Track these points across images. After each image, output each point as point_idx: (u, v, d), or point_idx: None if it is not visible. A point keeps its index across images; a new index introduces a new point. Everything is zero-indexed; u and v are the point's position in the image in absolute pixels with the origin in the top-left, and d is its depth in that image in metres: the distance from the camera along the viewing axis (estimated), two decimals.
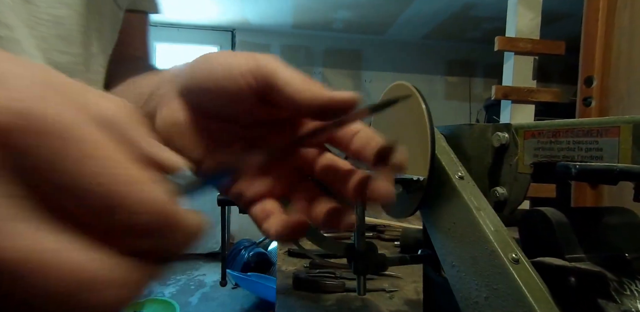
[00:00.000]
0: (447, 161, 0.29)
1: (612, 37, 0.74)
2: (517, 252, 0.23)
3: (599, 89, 0.76)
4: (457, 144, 0.32)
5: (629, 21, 0.71)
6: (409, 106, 0.30)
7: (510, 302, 0.21)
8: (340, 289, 0.51)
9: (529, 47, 1.09)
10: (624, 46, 0.72)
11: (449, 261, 0.27)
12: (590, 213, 0.26)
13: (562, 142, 0.25)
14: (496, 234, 0.23)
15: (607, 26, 0.75)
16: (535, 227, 0.26)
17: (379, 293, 0.51)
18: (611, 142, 0.22)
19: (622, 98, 0.72)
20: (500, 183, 0.29)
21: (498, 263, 0.22)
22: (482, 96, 3.02)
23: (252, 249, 2.34)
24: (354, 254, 0.33)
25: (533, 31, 1.12)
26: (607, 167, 0.20)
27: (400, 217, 0.33)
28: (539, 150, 0.26)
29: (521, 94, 1.09)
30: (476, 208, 0.25)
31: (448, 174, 0.28)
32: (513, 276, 0.21)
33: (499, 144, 0.29)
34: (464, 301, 0.25)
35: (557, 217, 0.25)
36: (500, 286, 0.22)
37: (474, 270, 0.24)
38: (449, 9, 2.27)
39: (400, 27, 2.62)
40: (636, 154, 0.21)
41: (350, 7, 2.28)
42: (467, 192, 0.26)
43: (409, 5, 2.22)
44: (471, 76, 3.04)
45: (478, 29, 2.62)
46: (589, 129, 0.23)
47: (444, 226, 0.28)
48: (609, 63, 0.74)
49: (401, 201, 0.31)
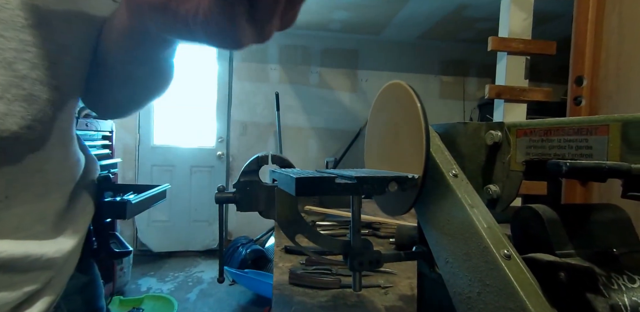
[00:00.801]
0: (441, 159, 0.29)
1: (602, 38, 0.75)
2: (509, 248, 0.23)
3: (588, 89, 0.77)
4: (451, 142, 0.32)
5: (618, 22, 0.72)
6: (404, 105, 0.30)
7: (502, 297, 0.22)
8: (336, 285, 0.51)
9: (521, 47, 1.10)
10: (613, 47, 0.73)
11: (442, 257, 0.27)
12: (580, 210, 0.27)
13: (553, 140, 0.25)
14: (489, 230, 0.24)
15: (597, 27, 0.76)
16: (527, 223, 0.26)
17: (374, 289, 0.51)
18: (600, 140, 0.22)
19: (611, 97, 0.74)
20: (493, 181, 0.30)
21: (490, 259, 0.23)
22: (475, 95, 3.05)
23: (250, 246, 2.35)
24: (349, 251, 0.34)
25: (525, 31, 1.14)
26: (596, 165, 0.20)
27: (396, 214, 0.33)
28: (531, 148, 0.27)
29: (514, 93, 1.11)
30: (470, 205, 0.25)
31: (442, 172, 0.28)
32: (505, 271, 0.22)
33: (492, 142, 0.29)
34: (457, 296, 0.26)
35: (548, 214, 0.25)
36: (492, 281, 0.23)
37: (467, 266, 0.25)
38: (443, 9, 2.28)
39: (396, 28, 2.63)
40: (624, 151, 0.21)
41: (347, 8, 2.29)
42: (461, 190, 0.27)
43: (403, 6, 2.23)
44: (465, 75, 3.07)
45: (472, 30, 2.64)
46: (579, 127, 0.24)
47: (438, 223, 0.28)
48: (599, 63, 0.76)
49: (396, 199, 0.31)
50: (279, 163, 0.69)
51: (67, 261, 0.32)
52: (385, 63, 2.96)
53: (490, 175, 0.30)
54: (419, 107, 0.28)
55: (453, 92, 3.06)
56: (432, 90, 3.04)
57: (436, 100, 3.04)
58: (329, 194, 0.26)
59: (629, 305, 0.21)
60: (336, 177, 0.27)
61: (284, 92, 2.80)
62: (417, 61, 2.99)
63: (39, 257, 0.28)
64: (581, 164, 0.21)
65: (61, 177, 0.32)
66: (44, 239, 0.30)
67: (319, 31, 2.76)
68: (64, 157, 0.32)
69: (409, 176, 0.28)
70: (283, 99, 2.73)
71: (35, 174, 0.28)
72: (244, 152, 2.79)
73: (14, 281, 0.27)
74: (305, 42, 2.85)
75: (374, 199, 0.36)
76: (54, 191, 0.31)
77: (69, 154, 0.33)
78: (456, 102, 3.05)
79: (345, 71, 2.93)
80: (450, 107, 3.04)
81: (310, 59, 2.88)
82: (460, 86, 3.06)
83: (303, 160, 2.87)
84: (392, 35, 2.80)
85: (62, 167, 0.32)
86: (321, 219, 0.83)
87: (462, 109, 3.04)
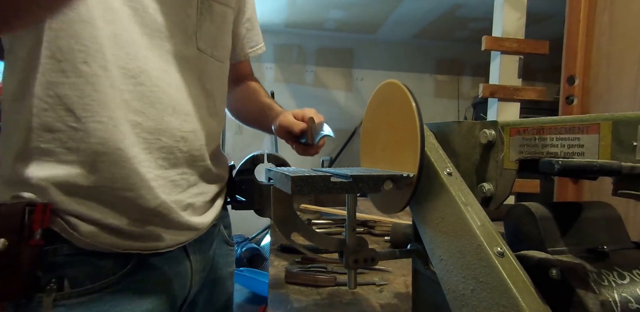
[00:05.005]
0: (436, 157, 0.29)
1: (593, 38, 0.76)
2: (502, 245, 0.23)
3: (580, 88, 0.78)
4: (445, 141, 0.32)
5: (609, 22, 0.73)
6: (399, 104, 0.30)
7: (495, 294, 0.22)
8: (332, 283, 0.52)
9: (514, 47, 1.11)
10: (604, 46, 0.74)
11: (437, 255, 0.28)
12: (572, 207, 0.27)
13: (546, 138, 0.25)
14: (482, 228, 0.24)
15: (588, 27, 0.77)
16: (520, 221, 0.27)
17: (369, 287, 0.51)
18: (592, 139, 0.23)
19: (602, 96, 0.75)
20: (486, 179, 0.30)
21: (484, 256, 0.23)
22: (470, 94, 3.07)
23: (245, 244, 2.34)
24: (345, 249, 0.34)
25: (518, 31, 1.15)
26: (588, 164, 0.21)
27: (391, 212, 0.33)
28: (524, 147, 0.27)
29: (507, 92, 1.12)
30: (463, 203, 0.26)
31: (437, 171, 0.28)
32: (498, 268, 0.22)
33: (486, 141, 0.29)
34: (451, 294, 0.26)
35: (541, 212, 0.26)
36: (485, 278, 0.23)
37: (461, 263, 0.25)
38: (438, 9, 2.29)
39: (391, 27, 2.64)
40: (615, 150, 0.21)
41: (342, 7, 2.29)
42: (455, 188, 0.27)
43: (398, 5, 2.23)
44: (459, 75, 3.09)
45: (466, 29, 2.65)
46: (570, 126, 0.24)
47: (433, 221, 0.28)
48: (590, 63, 0.77)
49: (391, 197, 0.32)
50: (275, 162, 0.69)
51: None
52: (380, 62, 2.96)
53: (484, 173, 0.30)
54: (413, 106, 0.28)
55: (447, 91, 3.08)
56: (427, 89, 3.06)
57: (431, 99, 3.05)
58: (324, 193, 0.26)
59: (619, 301, 0.21)
60: (331, 176, 0.27)
61: (280, 91, 2.79)
62: (411, 60, 3.00)
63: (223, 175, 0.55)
64: (573, 162, 0.21)
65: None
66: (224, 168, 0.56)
67: (314, 30, 2.76)
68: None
69: (403, 175, 0.28)
70: (278, 98, 2.72)
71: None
72: (239, 151, 2.77)
73: (216, 180, 0.52)
74: (301, 41, 2.84)
75: (370, 198, 0.37)
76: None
77: None
78: (450, 101, 3.07)
79: (340, 70, 2.93)
80: (444, 106, 3.06)
81: (305, 57, 2.87)
82: (455, 85, 3.08)
83: (298, 159, 2.86)
84: (387, 34, 2.81)
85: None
86: (317, 217, 0.84)
87: (456, 108, 3.06)
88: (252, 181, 0.61)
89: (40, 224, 0.36)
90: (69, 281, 0.37)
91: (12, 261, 0.35)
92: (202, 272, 0.52)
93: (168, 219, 0.42)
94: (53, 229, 0.37)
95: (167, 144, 0.41)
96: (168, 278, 0.45)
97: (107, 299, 0.39)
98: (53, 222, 0.37)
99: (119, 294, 0.40)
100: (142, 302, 0.41)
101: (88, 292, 0.38)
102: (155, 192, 0.40)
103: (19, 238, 0.35)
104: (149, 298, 0.42)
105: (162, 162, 0.41)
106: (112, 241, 0.39)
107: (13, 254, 0.35)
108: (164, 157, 0.41)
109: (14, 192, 0.37)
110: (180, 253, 0.47)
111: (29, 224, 0.35)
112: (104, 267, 0.39)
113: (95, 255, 0.39)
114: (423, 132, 0.28)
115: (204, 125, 0.46)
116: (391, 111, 0.32)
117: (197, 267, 0.50)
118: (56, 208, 0.37)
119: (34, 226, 0.35)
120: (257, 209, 0.63)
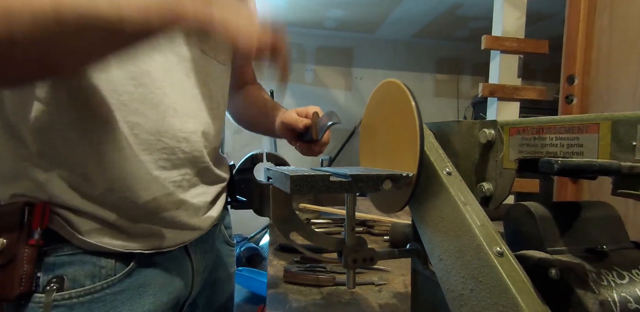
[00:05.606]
0: (435, 157, 0.29)
1: (593, 37, 0.76)
2: (502, 245, 0.23)
3: (580, 87, 0.78)
4: (445, 141, 0.32)
5: (609, 22, 0.73)
6: (399, 103, 0.30)
7: (494, 294, 0.22)
8: (331, 282, 0.52)
9: (514, 46, 1.11)
10: (603, 46, 0.74)
11: (436, 255, 0.28)
12: (571, 207, 0.27)
13: (545, 138, 0.25)
14: (482, 228, 0.24)
15: (588, 27, 0.77)
16: (519, 221, 0.27)
17: (368, 286, 0.51)
18: (591, 138, 0.23)
19: (601, 96, 0.75)
20: (486, 178, 0.30)
21: (483, 256, 0.23)
22: (469, 93, 3.07)
23: (244, 244, 2.35)
24: (344, 249, 0.34)
25: (518, 30, 1.15)
26: (587, 163, 0.21)
27: (390, 212, 0.33)
28: (524, 147, 0.27)
29: (507, 91, 1.12)
30: (463, 203, 0.26)
31: (436, 170, 0.28)
32: (497, 268, 0.22)
33: (485, 141, 0.29)
34: (450, 293, 0.26)
35: (540, 212, 0.26)
36: (485, 278, 0.23)
37: (460, 263, 0.25)
38: (438, 8, 2.28)
39: (391, 26, 2.64)
40: (614, 149, 0.21)
41: (342, 6, 2.28)
42: (455, 188, 0.27)
43: (398, 4, 2.23)
44: (459, 74, 3.08)
45: (465, 28, 2.65)
46: (570, 125, 0.24)
47: (432, 220, 0.28)
48: (590, 62, 0.77)
49: (391, 197, 0.32)
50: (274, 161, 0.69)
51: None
52: (380, 61, 2.96)
53: (484, 173, 0.30)
54: (413, 106, 0.28)
55: (447, 91, 3.08)
56: (427, 89, 3.05)
57: (430, 99, 3.05)
58: (323, 192, 0.26)
59: (618, 301, 0.21)
60: (331, 175, 0.27)
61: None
62: (411, 59, 3.00)
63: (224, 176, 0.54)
64: (572, 162, 0.21)
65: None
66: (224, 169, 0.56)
67: (314, 29, 2.75)
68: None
69: (403, 174, 0.28)
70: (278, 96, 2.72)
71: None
72: (238, 150, 2.77)
73: (217, 181, 0.52)
74: (300, 40, 2.84)
75: (369, 197, 0.37)
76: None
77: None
78: (450, 100, 3.07)
79: (340, 69, 2.93)
80: (444, 105, 3.06)
81: (305, 56, 2.87)
82: (454, 84, 3.08)
83: (298, 158, 2.87)
84: (387, 33, 2.81)
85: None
86: (316, 216, 0.84)
87: (456, 107, 3.06)
88: (252, 180, 0.61)
89: (40, 223, 0.36)
90: (69, 281, 0.37)
91: (11, 260, 0.35)
92: (203, 272, 0.52)
93: (169, 220, 0.42)
94: (53, 228, 0.37)
95: (169, 145, 0.41)
96: (170, 278, 0.45)
97: (108, 299, 0.39)
98: (52, 221, 0.37)
99: (120, 294, 0.40)
100: (144, 303, 0.41)
101: (89, 293, 0.38)
102: (155, 193, 0.40)
103: (18, 238, 0.35)
104: (151, 298, 0.42)
105: (163, 163, 0.41)
106: (113, 240, 0.39)
107: (12, 254, 0.35)
108: (165, 158, 0.41)
109: (13, 190, 0.37)
110: (181, 253, 0.47)
111: (28, 223, 0.35)
112: (104, 267, 0.39)
113: (96, 255, 0.39)
114: (422, 131, 0.28)
115: (206, 127, 0.47)
116: (391, 110, 0.32)
117: (199, 267, 0.50)
118: (56, 207, 0.37)
119: (33, 225, 0.35)
120: (256, 208, 0.63)
